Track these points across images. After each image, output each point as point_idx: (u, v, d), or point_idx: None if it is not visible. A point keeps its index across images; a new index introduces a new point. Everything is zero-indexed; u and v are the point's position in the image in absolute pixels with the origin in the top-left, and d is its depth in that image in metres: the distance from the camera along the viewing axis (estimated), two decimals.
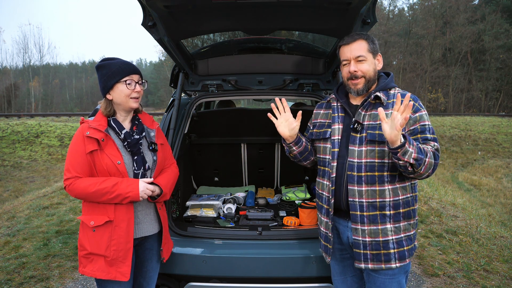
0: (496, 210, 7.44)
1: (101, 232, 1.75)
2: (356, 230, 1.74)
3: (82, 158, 1.74)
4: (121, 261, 1.77)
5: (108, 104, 1.82)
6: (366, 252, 1.73)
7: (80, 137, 1.75)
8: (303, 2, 1.88)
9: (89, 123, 1.78)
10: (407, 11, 37.14)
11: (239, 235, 2.40)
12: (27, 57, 46.00)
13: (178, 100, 2.77)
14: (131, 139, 1.83)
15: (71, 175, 1.73)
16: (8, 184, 10.97)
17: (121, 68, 1.79)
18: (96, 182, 1.71)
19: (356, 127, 1.72)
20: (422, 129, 1.66)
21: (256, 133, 3.61)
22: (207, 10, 2.06)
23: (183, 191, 3.11)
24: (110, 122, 1.83)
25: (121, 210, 1.77)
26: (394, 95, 1.72)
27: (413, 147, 1.52)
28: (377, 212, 1.70)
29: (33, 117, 19.04)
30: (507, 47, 29.67)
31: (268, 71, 3.00)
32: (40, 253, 3.83)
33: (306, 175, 3.89)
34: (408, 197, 1.73)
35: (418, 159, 1.53)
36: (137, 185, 1.75)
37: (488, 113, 26.02)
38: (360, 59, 1.73)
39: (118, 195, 1.71)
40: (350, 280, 1.96)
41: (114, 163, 1.75)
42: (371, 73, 1.75)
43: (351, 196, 1.73)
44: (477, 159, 14.35)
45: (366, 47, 1.73)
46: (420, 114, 1.67)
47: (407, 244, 1.72)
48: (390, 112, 1.67)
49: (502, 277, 3.40)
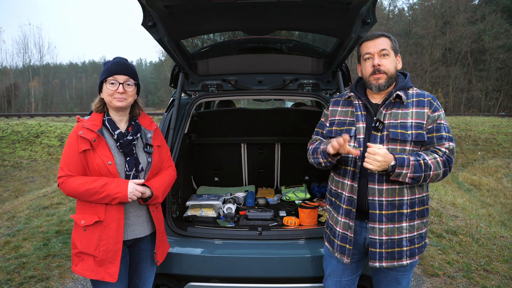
0: (496, 210, 7.44)
1: (91, 231, 1.75)
2: (374, 229, 1.72)
3: (75, 157, 1.74)
4: (110, 262, 1.76)
5: (99, 101, 1.86)
6: (381, 251, 1.72)
7: (74, 136, 1.76)
8: (303, 2, 1.88)
9: (83, 122, 1.79)
10: (407, 11, 37.19)
11: (239, 235, 2.40)
12: (27, 57, 46.07)
13: (178, 100, 2.77)
14: (124, 140, 1.82)
15: (64, 173, 1.74)
16: (8, 184, 10.96)
17: (109, 68, 1.81)
18: (87, 182, 1.71)
19: (378, 125, 1.72)
20: (438, 127, 1.68)
21: (256, 133, 3.61)
22: (207, 10, 2.06)
23: (183, 191, 3.11)
24: (105, 122, 1.83)
25: (111, 211, 1.77)
26: (413, 95, 1.76)
27: (408, 168, 1.58)
28: (395, 210, 1.70)
29: (33, 117, 19.03)
30: (507, 47, 29.67)
31: (268, 71, 3.00)
32: (40, 253, 3.83)
33: (306, 175, 3.89)
34: (424, 195, 1.75)
35: (415, 177, 1.60)
36: (126, 186, 1.73)
37: (488, 113, 26.03)
38: (384, 52, 1.74)
39: (107, 195, 1.70)
40: (344, 284, 1.93)
41: (105, 163, 1.75)
42: (392, 70, 1.76)
43: (370, 195, 1.72)
44: (477, 159, 14.35)
45: (390, 44, 1.77)
46: (438, 114, 1.70)
47: (418, 242, 1.75)
48: (410, 111, 1.71)
49: (502, 277, 3.40)
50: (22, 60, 47.81)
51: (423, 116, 1.69)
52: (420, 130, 1.68)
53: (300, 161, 3.76)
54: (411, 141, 1.67)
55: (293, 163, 3.77)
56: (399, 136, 1.68)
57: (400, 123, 1.70)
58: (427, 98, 1.72)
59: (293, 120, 3.51)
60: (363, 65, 1.81)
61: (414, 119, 1.69)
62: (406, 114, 1.70)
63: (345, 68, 2.88)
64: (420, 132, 1.67)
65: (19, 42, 65.00)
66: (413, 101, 1.73)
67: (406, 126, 1.69)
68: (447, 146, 1.65)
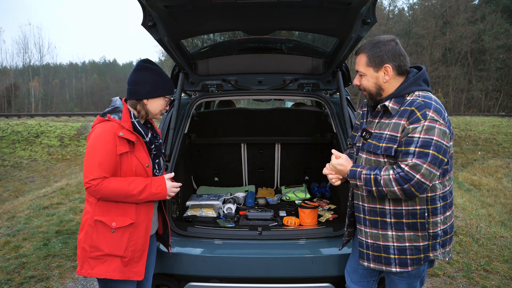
0: (496, 210, 7.43)
1: (120, 233, 1.73)
2: (360, 231, 1.80)
3: (112, 158, 1.68)
4: (136, 261, 1.78)
5: (142, 108, 1.83)
6: (368, 252, 1.77)
7: (111, 136, 1.68)
8: (303, 2, 1.89)
9: (120, 123, 1.73)
10: (407, 11, 37.15)
11: (239, 235, 2.41)
12: (27, 57, 45.90)
13: (178, 100, 2.77)
14: (158, 143, 1.90)
15: (98, 175, 1.65)
16: (8, 184, 10.96)
17: (170, 84, 1.90)
18: (125, 183, 1.70)
19: (365, 135, 1.75)
20: (408, 141, 1.54)
21: (256, 133, 3.61)
22: (207, 10, 2.06)
23: (183, 191, 3.10)
24: (135, 124, 1.79)
25: (141, 211, 1.79)
26: (406, 102, 1.61)
27: (361, 181, 1.65)
28: (378, 217, 1.71)
29: (33, 117, 19.02)
30: (507, 47, 29.65)
31: (268, 71, 3.00)
32: (40, 253, 3.83)
33: (306, 175, 3.89)
34: (417, 209, 1.64)
35: (368, 190, 1.64)
36: (165, 185, 1.81)
37: (488, 113, 26.01)
38: (360, 73, 1.74)
39: (147, 195, 1.74)
40: (361, 273, 1.96)
41: (143, 166, 1.78)
42: (372, 88, 1.71)
43: (355, 199, 1.83)
44: (477, 159, 14.34)
45: (365, 61, 1.69)
46: (414, 126, 1.53)
47: (412, 253, 1.66)
48: (391, 122, 1.62)
49: (502, 277, 3.40)
50: (22, 60, 47.78)
51: (397, 128, 1.58)
52: (391, 144, 1.60)
53: (300, 161, 3.77)
54: (382, 154, 1.64)
55: (293, 163, 3.77)
56: (372, 148, 1.68)
57: (381, 134, 1.66)
58: (411, 107, 1.57)
59: (293, 120, 3.51)
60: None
61: (389, 131, 1.62)
62: (387, 125, 1.64)
63: (345, 68, 2.88)
64: (390, 146, 1.60)
65: (19, 42, 64.90)
66: (401, 110, 1.61)
67: (381, 138, 1.64)
68: (408, 162, 1.51)
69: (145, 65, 1.83)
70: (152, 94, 1.82)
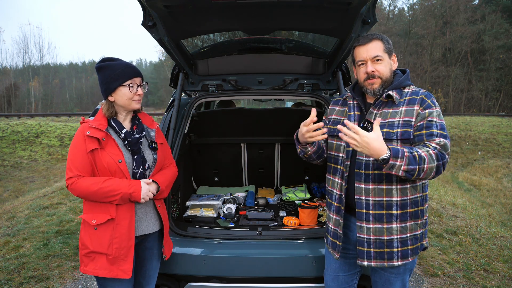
0: (496, 210, 7.44)
1: (102, 230, 1.76)
2: (361, 228, 1.73)
3: (83, 157, 1.75)
4: (123, 259, 1.78)
5: (110, 106, 1.84)
6: (369, 250, 1.72)
7: (81, 136, 1.77)
8: (303, 2, 1.89)
9: (89, 122, 1.80)
10: (407, 11, 37.17)
11: (239, 235, 2.41)
12: (27, 57, 46.01)
13: (178, 100, 2.77)
14: (132, 138, 1.85)
15: (73, 174, 1.74)
16: (8, 184, 10.96)
17: (124, 71, 1.80)
18: (98, 181, 1.72)
19: (367, 126, 1.70)
20: (428, 124, 1.62)
21: (256, 133, 3.61)
22: (207, 10, 2.06)
23: (183, 191, 3.11)
24: (110, 121, 1.85)
25: (122, 208, 1.78)
26: (407, 93, 1.72)
27: (403, 160, 1.48)
28: (384, 211, 1.69)
29: (33, 117, 19.03)
30: (507, 47, 29.67)
31: (268, 71, 3.00)
32: (40, 253, 3.83)
33: (306, 175, 3.89)
34: (417, 197, 1.71)
35: (409, 170, 1.50)
36: (139, 186, 1.77)
37: (488, 113, 26.02)
38: (377, 58, 1.72)
39: (119, 195, 1.73)
40: (341, 279, 1.95)
41: (115, 161, 1.76)
42: (387, 73, 1.74)
43: (357, 194, 1.73)
44: (477, 159, 14.35)
45: (382, 47, 1.73)
46: (429, 111, 1.63)
47: (411, 243, 1.72)
48: (400, 110, 1.68)
49: (502, 277, 3.40)
50: (22, 60, 47.85)
51: (412, 114, 1.65)
52: (407, 128, 1.64)
53: (300, 161, 3.74)
54: (397, 139, 1.64)
55: (293, 163, 3.77)
56: (384, 135, 1.63)
57: (388, 123, 1.68)
58: (420, 96, 1.68)
59: (293, 120, 3.50)
60: (358, 70, 1.81)
61: (402, 117, 1.66)
62: (395, 113, 1.68)
63: (345, 68, 2.88)
64: (407, 130, 1.64)
65: (19, 42, 64.88)
66: (406, 99, 1.69)
67: (393, 125, 1.66)
68: (437, 141, 1.58)
69: (97, 66, 1.85)
70: (108, 90, 1.81)
